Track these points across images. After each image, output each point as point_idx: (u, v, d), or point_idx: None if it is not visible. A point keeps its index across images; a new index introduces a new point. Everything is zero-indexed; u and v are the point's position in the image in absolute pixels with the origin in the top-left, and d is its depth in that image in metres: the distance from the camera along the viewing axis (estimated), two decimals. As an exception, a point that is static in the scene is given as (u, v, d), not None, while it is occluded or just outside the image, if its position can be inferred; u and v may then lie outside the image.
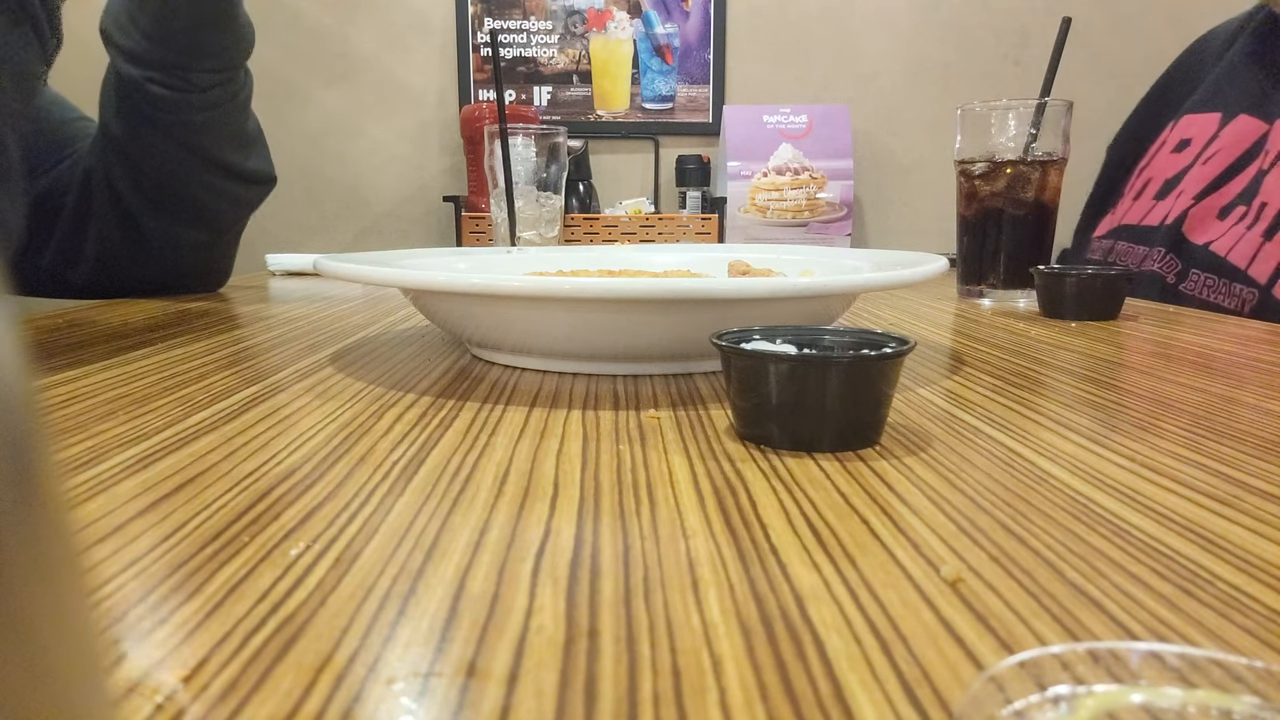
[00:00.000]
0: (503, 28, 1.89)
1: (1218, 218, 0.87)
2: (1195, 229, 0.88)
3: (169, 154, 0.76)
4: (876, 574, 0.22)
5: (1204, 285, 0.85)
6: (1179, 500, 0.27)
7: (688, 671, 0.17)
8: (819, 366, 0.32)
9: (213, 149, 0.78)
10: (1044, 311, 0.71)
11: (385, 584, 0.21)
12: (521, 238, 0.88)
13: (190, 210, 0.81)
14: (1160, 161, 1.00)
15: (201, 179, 0.79)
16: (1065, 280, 0.70)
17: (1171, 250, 0.90)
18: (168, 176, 0.78)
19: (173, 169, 0.77)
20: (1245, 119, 0.90)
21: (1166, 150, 0.99)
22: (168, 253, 0.82)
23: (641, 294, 0.40)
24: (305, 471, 0.30)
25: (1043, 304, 0.72)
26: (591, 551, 0.23)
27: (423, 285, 0.43)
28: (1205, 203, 0.88)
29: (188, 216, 0.81)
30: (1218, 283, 0.84)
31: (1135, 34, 1.88)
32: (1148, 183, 0.99)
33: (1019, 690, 0.15)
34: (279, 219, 1.90)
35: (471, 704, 0.16)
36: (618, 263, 0.67)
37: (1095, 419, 0.37)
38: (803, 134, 1.69)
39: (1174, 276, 0.89)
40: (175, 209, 0.80)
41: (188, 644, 0.18)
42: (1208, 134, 0.94)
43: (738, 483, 0.29)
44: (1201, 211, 0.88)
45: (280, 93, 1.86)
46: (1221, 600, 0.20)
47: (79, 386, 0.43)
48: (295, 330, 0.62)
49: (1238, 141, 0.89)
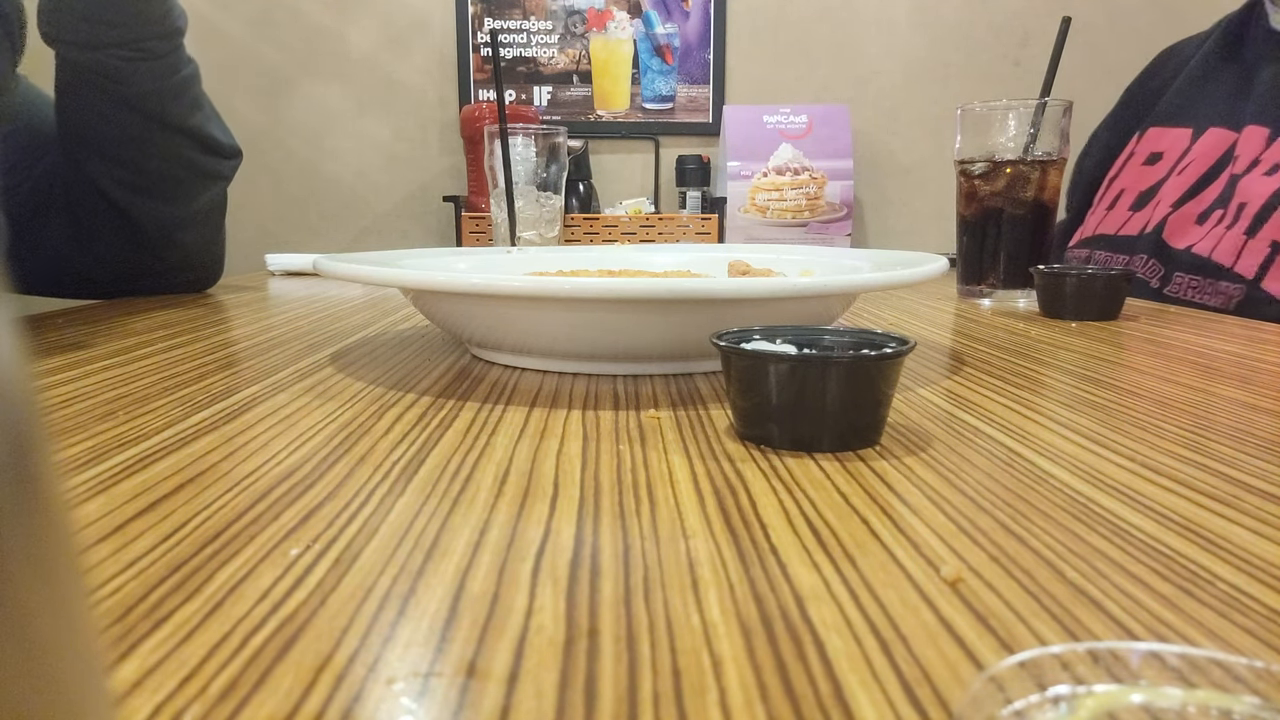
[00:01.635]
0: (503, 28, 1.89)
1: (1196, 223, 0.90)
2: (1175, 235, 0.91)
3: (131, 123, 0.79)
4: (876, 574, 0.22)
5: (1189, 286, 0.87)
6: (1179, 500, 0.27)
7: (688, 671, 0.17)
8: (819, 366, 0.32)
9: (172, 114, 0.80)
10: (1044, 311, 0.71)
11: (385, 584, 0.21)
12: (521, 238, 0.88)
13: (162, 183, 0.83)
14: (1132, 173, 1.02)
15: (168, 144, 0.81)
16: (1065, 280, 0.70)
17: (1154, 256, 0.92)
18: (133, 148, 0.80)
19: (135, 136, 0.79)
20: (1215, 131, 0.93)
21: (1137, 162, 1.02)
22: (151, 233, 0.84)
23: (641, 294, 0.40)
24: (305, 471, 0.30)
25: (1043, 304, 0.72)
26: (591, 551, 0.23)
27: (423, 285, 0.43)
28: (1183, 210, 0.91)
29: (161, 190, 0.83)
30: (1203, 282, 0.86)
31: (1135, 34, 1.87)
32: (1121, 193, 1.02)
33: (1019, 690, 0.15)
34: (279, 219, 1.90)
35: (471, 704, 0.16)
36: (618, 263, 0.67)
37: (1095, 419, 0.37)
38: (803, 134, 1.69)
39: (1157, 281, 0.91)
40: (148, 184, 0.82)
41: (188, 644, 0.18)
42: (1180, 148, 0.97)
43: (738, 483, 0.29)
44: (1180, 219, 0.91)
45: (281, 92, 1.86)
46: (1221, 600, 0.20)
47: (79, 386, 0.43)
48: (295, 330, 0.62)
49: (1210, 153, 0.93)
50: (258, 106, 1.85)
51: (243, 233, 1.71)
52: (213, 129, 0.85)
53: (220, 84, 1.83)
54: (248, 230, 1.77)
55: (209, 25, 1.81)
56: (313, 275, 1.07)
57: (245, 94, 1.84)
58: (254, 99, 1.85)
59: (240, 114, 1.82)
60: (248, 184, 1.84)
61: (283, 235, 1.86)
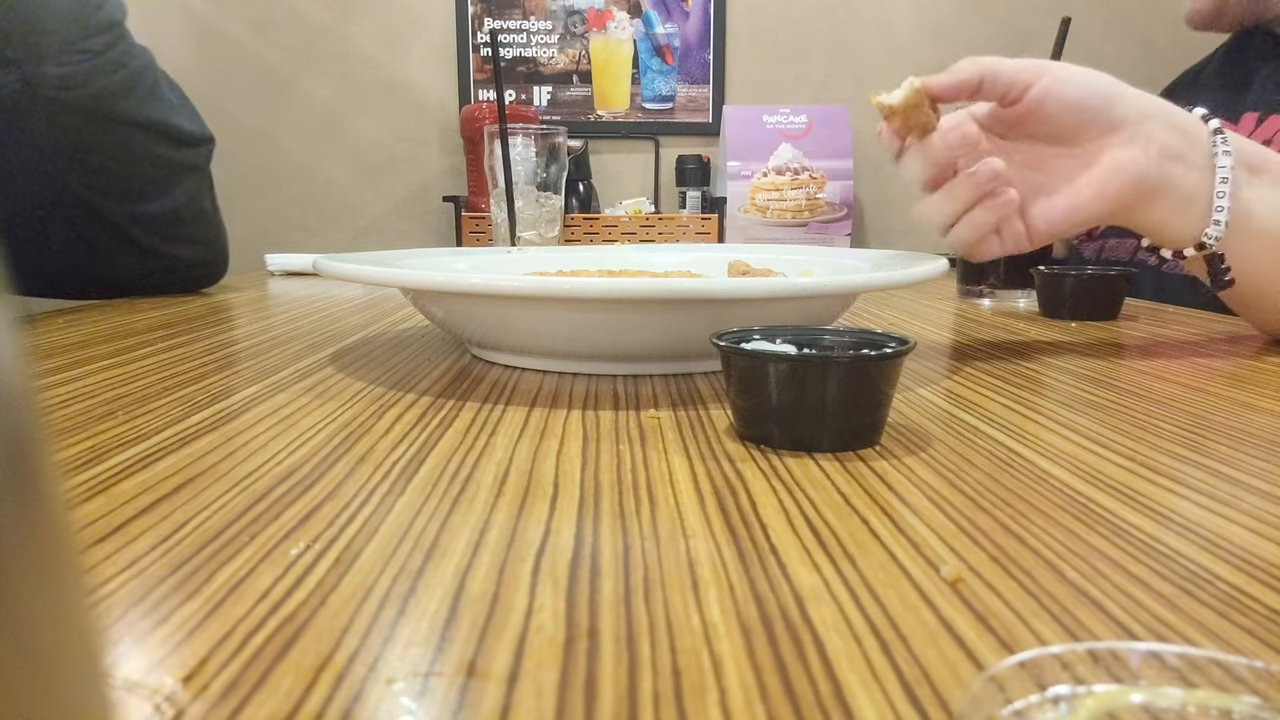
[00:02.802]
0: (503, 28, 1.89)
1: None
2: None
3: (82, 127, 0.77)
4: (876, 574, 0.22)
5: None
6: (1179, 500, 0.27)
7: (688, 671, 0.17)
8: (819, 366, 0.32)
9: (123, 110, 0.78)
10: (1044, 312, 0.71)
11: (385, 584, 0.21)
12: (521, 238, 0.87)
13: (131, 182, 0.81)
14: None
15: (126, 142, 0.79)
16: (1065, 280, 0.70)
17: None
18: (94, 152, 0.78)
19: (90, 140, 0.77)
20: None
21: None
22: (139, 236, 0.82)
23: (641, 294, 0.40)
24: (305, 471, 0.30)
25: (1043, 304, 0.72)
26: (591, 551, 0.23)
27: (423, 285, 0.43)
28: None
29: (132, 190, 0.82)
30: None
31: (1134, 34, 1.88)
32: None
33: (1019, 690, 0.15)
34: (279, 219, 1.90)
35: (471, 704, 0.16)
36: (618, 263, 0.67)
37: (1095, 419, 0.37)
38: (802, 134, 1.69)
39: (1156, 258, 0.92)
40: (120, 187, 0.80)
41: (188, 644, 0.18)
42: None
43: (738, 483, 0.29)
44: None
45: (281, 92, 1.86)
46: (1221, 600, 0.20)
47: (79, 386, 0.43)
48: (295, 330, 0.62)
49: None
50: (258, 106, 1.85)
51: (242, 233, 1.71)
52: (176, 119, 0.82)
53: (220, 84, 1.83)
54: (247, 230, 1.77)
55: (209, 26, 1.81)
56: (313, 275, 1.07)
57: (245, 94, 1.84)
58: (254, 99, 1.85)
59: (240, 114, 1.82)
60: (248, 184, 1.85)
61: (282, 235, 1.86)
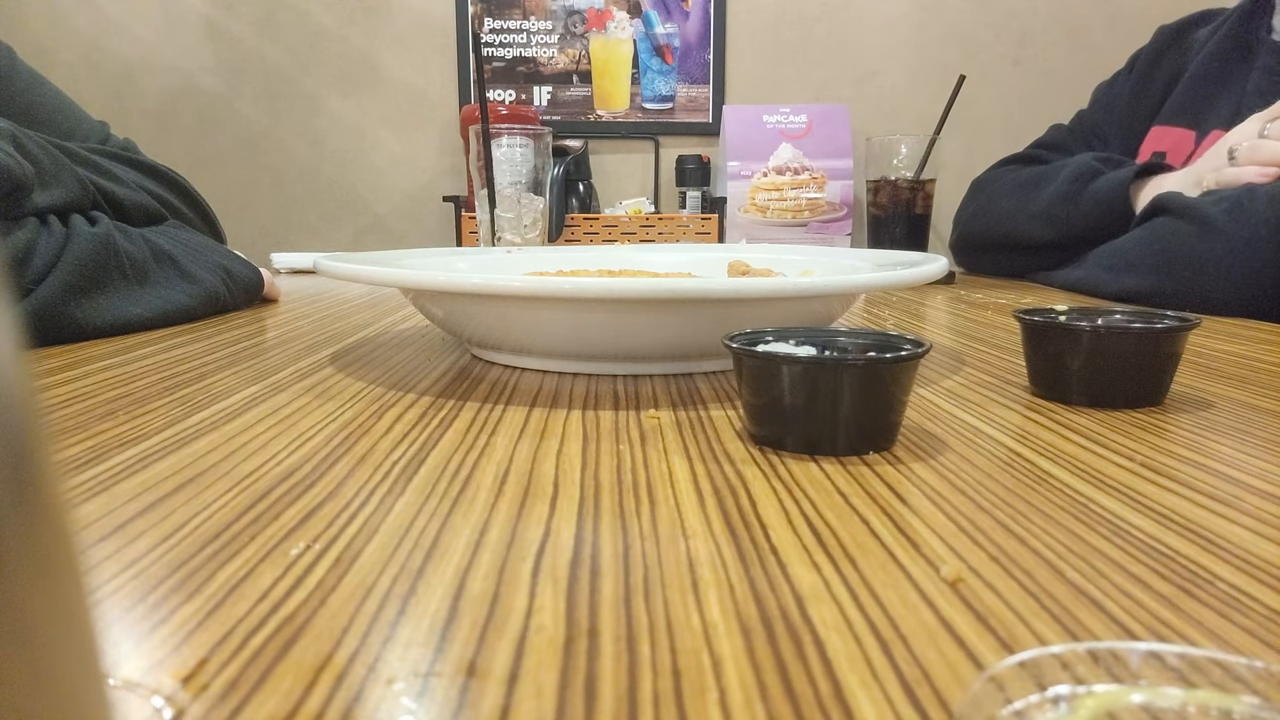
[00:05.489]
0: (503, 27, 1.88)
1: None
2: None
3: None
4: (876, 574, 0.22)
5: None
6: (1179, 500, 0.27)
7: (688, 671, 0.17)
8: (833, 369, 0.31)
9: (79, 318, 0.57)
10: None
11: (385, 584, 0.21)
12: (502, 238, 0.87)
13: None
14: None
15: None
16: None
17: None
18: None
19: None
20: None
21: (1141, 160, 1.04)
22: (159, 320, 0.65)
23: (641, 294, 0.40)
24: (305, 471, 0.30)
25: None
26: (591, 551, 0.23)
27: (423, 285, 0.43)
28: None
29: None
30: None
31: (1134, 33, 1.87)
32: None
33: (1019, 690, 0.15)
34: (280, 219, 1.90)
35: (471, 704, 0.16)
36: (618, 263, 0.67)
37: (1095, 419, 0.37)
38: (802, 134, 1.69)
39: None
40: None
41: (188, 644, 0.18)
42: (1184, 149, 0.99)
43: (738, 483, 0.29)
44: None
45: (281, 92, 1.86)
46: (1221, 600, 0.20)
47: (79, 386, 0.43)
48: (295, 330, 0.62)
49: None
50: (260, 107, 1.85)
51: (245, 233, 1.71)
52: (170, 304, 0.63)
53: (223, 85, 1.83)
54: (250, 230, 1.77)
55: (212, 26, 1.81)
56: (313, 275, 1.07)
57: (247, 95, 1.84)
58: (256, 100, 1.85)
59: (243, 114, 1.82)
60: (249, 184, 1.85)
61: (283, 235, 1.86)
